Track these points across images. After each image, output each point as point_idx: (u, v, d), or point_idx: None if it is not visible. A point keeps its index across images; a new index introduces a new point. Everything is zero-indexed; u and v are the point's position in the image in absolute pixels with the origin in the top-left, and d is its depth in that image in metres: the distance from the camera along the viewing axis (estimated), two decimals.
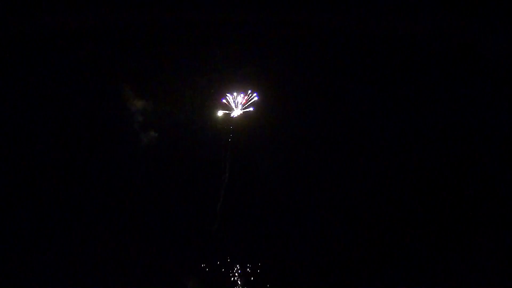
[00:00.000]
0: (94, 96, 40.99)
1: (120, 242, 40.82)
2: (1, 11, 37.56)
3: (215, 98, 44.48)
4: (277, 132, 45.82)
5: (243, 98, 45.89)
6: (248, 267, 41.28)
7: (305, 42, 50.37)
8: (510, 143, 39.82)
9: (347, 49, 49.95)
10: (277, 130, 46.13)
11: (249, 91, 46.32)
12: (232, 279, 41.18)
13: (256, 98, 46.31)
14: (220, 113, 44.73)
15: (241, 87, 45.37)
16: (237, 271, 40.96)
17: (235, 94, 45.59)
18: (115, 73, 41.32)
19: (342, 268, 39.74)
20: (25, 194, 40.14)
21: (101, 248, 40.40)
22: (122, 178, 41.52)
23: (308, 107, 47.78)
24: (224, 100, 45.10)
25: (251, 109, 46.15)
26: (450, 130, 42.98)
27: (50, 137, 40.83)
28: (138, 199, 41.97)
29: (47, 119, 40.54)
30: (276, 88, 47.38)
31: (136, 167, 41.90)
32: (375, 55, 48.81)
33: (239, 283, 40.55)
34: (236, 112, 45.26)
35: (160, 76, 41.92)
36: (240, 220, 42.10)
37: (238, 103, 45.66)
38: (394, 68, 47.60)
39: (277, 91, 47.23)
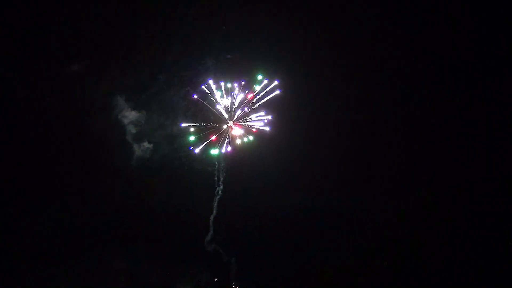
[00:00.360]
0: (87, 108, 40.94)
1: (112, 253, 41.15)
2: None
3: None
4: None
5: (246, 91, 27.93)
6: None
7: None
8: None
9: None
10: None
11: (260, 77, 28.55)
12: None
13: (278, 92, 29.40)
14: (188, 128, 27.48)
15: (243, 72, 28.75)
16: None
17: (228, 85, 29.50)
18: (109, 85, 41.32)
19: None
20: (18, 204, 40.31)
21: (92, 260, 40.90)
22: (115, 188, 41.22)
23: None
24: (195, 97, 28.04)
25: (268, 117, 29.07)
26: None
27: (42, 148, 40.56)
28: (131, 209, 41.91)
29: (40, 130, 40.29)
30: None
31: (130, 178, 41.56)
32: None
33: None
34: (236, 131, 28.77)
35: (153, 87, 41.58)
36: (234, 232, 41.44)
37: (235, 104, 29.39)
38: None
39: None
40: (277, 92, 30.11)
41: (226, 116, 31.17)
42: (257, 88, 29.74)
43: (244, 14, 38.72)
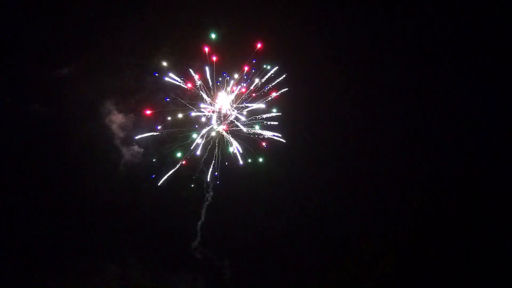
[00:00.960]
0: (74, 112, 40.52)
1: (102, 258, 41.01)
2: None
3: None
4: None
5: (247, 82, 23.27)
6: None
7: None
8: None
9: None
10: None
11: (265, 66, 24.03)
12: None
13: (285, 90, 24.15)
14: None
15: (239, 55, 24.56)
16: None
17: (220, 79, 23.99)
18: (97, 89, 40.79)
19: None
20: (5, 211, 39.75)
21: (82, 264, 40.40)
22: (105, 193, 40.59)
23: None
24: (168, 99, 23.62)
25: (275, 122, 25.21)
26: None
27: (29, 154, 40.24)
28: (121, 214, 41.38)
29: (26, 136, 39.90)
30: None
31: (118, 182, 41.08)
32: None
33: None
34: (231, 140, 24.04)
35: (141, 91, 41.07)
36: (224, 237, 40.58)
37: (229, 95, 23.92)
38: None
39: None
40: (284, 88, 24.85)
41: (214, 118, 25.21)
42: (258, 80, 23.89)
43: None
